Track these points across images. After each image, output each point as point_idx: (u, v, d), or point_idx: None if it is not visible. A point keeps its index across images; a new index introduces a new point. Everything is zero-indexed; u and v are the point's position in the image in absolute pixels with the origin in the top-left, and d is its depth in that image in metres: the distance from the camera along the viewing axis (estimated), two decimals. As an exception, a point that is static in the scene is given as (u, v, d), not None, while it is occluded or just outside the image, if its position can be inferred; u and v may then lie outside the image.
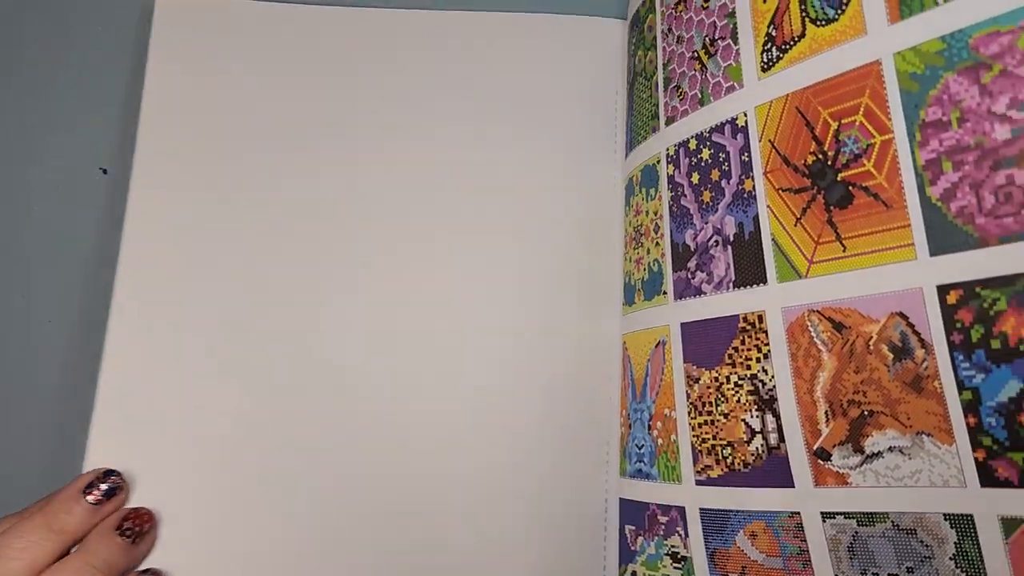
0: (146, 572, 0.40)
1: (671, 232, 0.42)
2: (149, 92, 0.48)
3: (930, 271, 0.30)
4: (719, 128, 0.39)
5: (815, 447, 0.34)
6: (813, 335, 0.34)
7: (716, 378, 0.38)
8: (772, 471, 0.35)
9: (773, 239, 0.36)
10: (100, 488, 0.40)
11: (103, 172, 0.45)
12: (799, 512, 0.34)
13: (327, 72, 0.49)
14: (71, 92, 0.51)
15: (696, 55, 0.41)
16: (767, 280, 0.36)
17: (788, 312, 0.35)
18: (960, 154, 0.29)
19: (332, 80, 0.49)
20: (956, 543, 0.29)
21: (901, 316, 0.31)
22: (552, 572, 0.44)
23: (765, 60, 0.36)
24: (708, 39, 0.40)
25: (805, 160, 0.34)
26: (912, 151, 0.31)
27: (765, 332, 0.36)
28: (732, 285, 0.37)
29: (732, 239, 0.38)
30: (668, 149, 0.42)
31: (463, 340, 0.46)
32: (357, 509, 0.44)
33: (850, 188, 0.33)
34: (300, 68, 0.49)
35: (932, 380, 0.30)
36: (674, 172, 0.42)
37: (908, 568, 0.31)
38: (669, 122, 0.42)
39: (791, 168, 0.35)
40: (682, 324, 0.40)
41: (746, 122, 0.37)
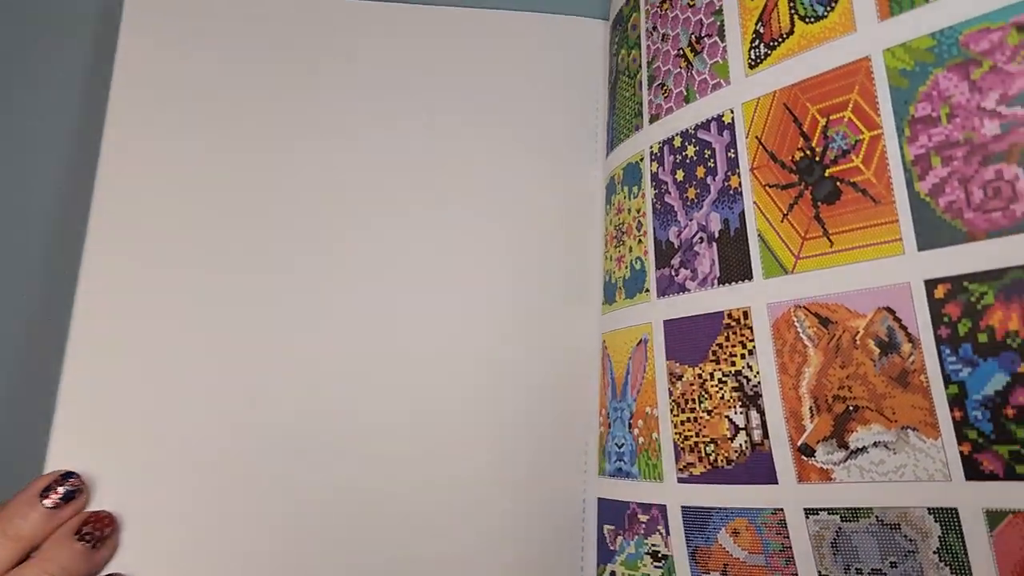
0: None
1: (654, 229, 0.41)
2: (117, 82, 0.46)
3: (918, 266, 0.30)
4: (705, 125, 0.39)
5: (799, 443, 0.34)
6: (799, 330, 0.34)
7: (700, 375, 0.38)
8: (756, 468, 0.35)
9: (759, 235, 0.36)
10: (58, 491, 0.38)
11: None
12: (782, 509, 0.34)
13: (306, 62, 0.48)
14: (36, 78, 0.49)
15: (682, 52, 0.41)
16: (753, 276, 0.36)
17: (774, 308, 0.35)
18: (949, 149, 0.29)
19: (312, 71, 0.48)
20: (940, 537, 0.30)
21: (888, 311, 0.31)
22: (529, 573, 0.44)
23: (753, 57, 0.37)
24: (694, 37, 0.40)
25: (792, 156, 0.35)
26: (901, 146, 0.31)
27: (750, 328, 0.36)
28: (717, 281, 0.37)
29: (717, 236, 0.38)
30: (652, 147, 0.42)
31: (441, 341, 0.45)
32: (332, 510, 0.43)
33: (838, 184, 0.33)
34: (276, 56, 0.48)
35: (918, 374, 0.30)
36: (658, 169, 0.42)
37: (892, 563, 0.31)
38: (653, 120, 0.42)
39: (778, 164, 0.35)
40: (665, 321, 0.40)
41: (732, 119, 0.37)
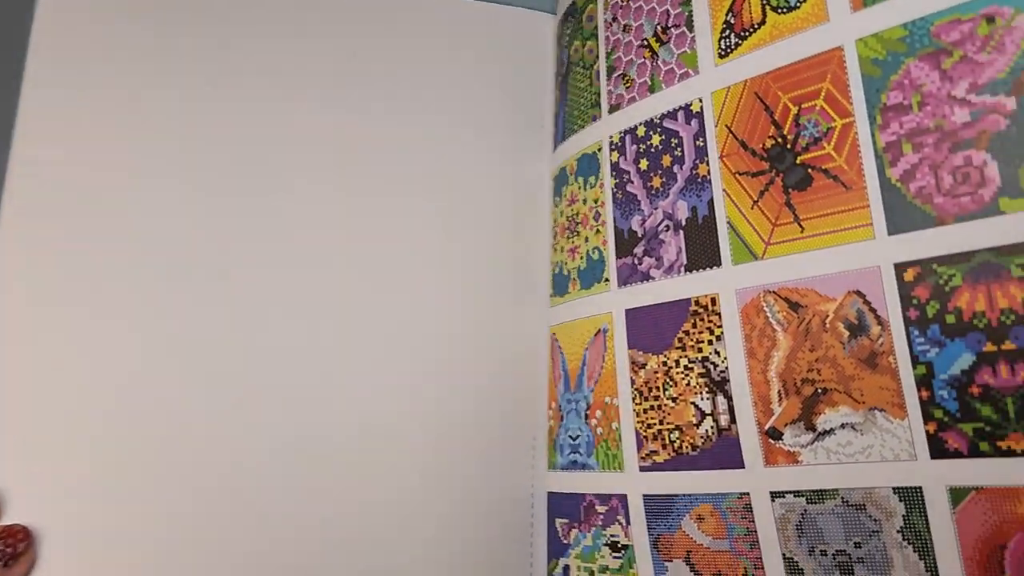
0: None
1: (615, 219, 0.41)
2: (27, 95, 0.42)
3: (888, 249, 0.31)
4: (672, 114, 0.39)
5: (767, 426, 0.34)
6: (768, 315, 0.34)
7: (664, 362, 0.38)
8: (722, 452, 0.35)
9: (729, 222, 0.36)
10: None
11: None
12: (748, 493, 0.34)
13: (244, 49, 0.46)
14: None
15: (646, 43, 0.41)
16: (721, 263, 0.36)
17: (743, 293, 0.35)
18: (920, 136, 0.31)
19: (250, 55, 0.46)
20: (904, 516, 0.30)
21: (858, 294, 0.32)
22: (478, 573, 0.43)
23: (723, 47, 0.37)
24: (660, 27, 0.40)
25: (764, 144, 0.35)
26: (872, 134, 0.32)
27: (718, 314, 0.36)
28: (684, 269, 0.38)
29: (684, 223, 0.38)
30: (612, 136, 0.42)
31: (381, 341, 0.44)
32: (268, 510, 0.40)
33: (809, 171, 0.34)
34: (211, 40, 0.45)
35: (887, 356, 0.31)
36: (619, 159, 0.42)
37: (856, 543, 0.32)
38: (614, 110, 0.42)
39: (749, 152, 0.36)
40: (627, 310, 0.40)
41: (701, 108, 0.38)
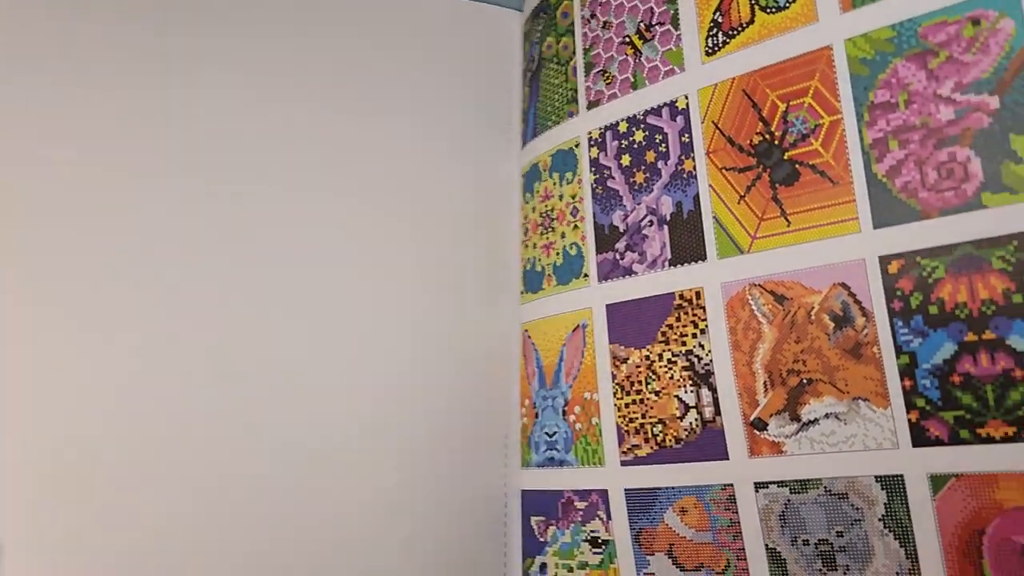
0: None
1: (594, 214, 0.42)
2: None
3: (873, 243, 0.32)
4: (656, 111, 0.40)
5: (752, 417, 0.35)
6: (754, 308, 0.35)
7: (647, 356, 0.38)
8: (706, 444, 0.36)
9: (715, 217, 0.37)
10: None
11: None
12: (732, 484, 0.35)
13: (205, 46, 0.44)
14: None
15: (628, 40, 0.41)
16: (707, 257, 0.37)
17: (728, 287, 0.36)
18: (906, 133, 0.32)
19: (208, 52, 0.44)
20: (886, 504, 0.31)
21: (843, 286, 0.33)
22: (451, 571, 0.42)
23: (710, 45, 0.38)
24: (643, 25, 0.41)
25: (751, 140, 0.36)
26: (860, 131, 0.33)
27: (703, 308, 0.36)
28: (668, 263, 0.38)
29: (669, 218, 0.38)
30: (591, 132, 0.42)
31: (352, 339, 0.43)
32: (240, 511, 0.39)
33: (796, 166, 0.34)
34: (170, 34, 0.44)
35: (871, 346, 0.32)
36: (599, 155, 0.42)
37: (838, 532, 0.32)
38: (592, 106, 0.43)
39: (736, 148, 0.36)
40: (608, 305, 0.40)
41: (687, 104, 0.38)
